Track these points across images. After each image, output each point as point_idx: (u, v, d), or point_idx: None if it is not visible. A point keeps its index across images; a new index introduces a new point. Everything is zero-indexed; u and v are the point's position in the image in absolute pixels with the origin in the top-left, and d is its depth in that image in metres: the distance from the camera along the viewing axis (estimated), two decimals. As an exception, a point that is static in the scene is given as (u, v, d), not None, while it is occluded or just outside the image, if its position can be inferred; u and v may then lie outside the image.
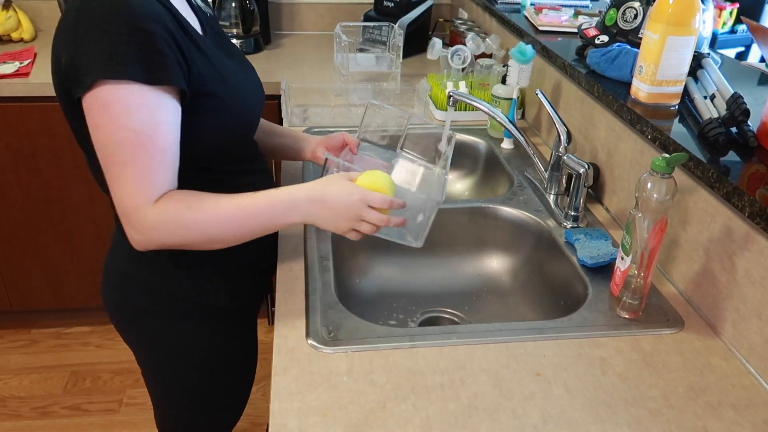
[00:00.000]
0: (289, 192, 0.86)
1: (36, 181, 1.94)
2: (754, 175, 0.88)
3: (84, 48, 0.76)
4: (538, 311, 1.16)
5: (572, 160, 1.15)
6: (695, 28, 1.04)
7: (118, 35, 0.75)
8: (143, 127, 0.77)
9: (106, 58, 0.75)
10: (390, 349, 0.86)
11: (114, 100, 0.76)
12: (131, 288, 1.01)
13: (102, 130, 0.78)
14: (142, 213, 0.79)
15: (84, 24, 0.76)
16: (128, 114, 0.77)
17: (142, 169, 0.78)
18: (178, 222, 0.81)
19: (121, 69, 0.75)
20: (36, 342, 2.20)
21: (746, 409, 0.79)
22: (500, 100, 1.55)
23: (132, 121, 0.77)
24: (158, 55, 0.77)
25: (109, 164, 0.79)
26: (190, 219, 0.81)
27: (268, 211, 0.85)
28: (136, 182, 0.79)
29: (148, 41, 0.76)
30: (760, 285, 0.83)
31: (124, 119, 0.76)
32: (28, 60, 1.93)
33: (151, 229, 0.80)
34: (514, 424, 0.75)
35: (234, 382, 1.16)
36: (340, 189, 0.85)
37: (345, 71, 1.80)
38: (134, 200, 0.79)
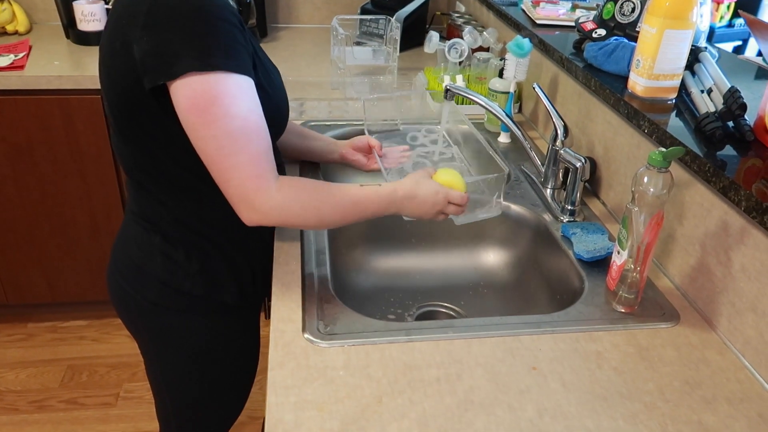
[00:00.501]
0: (391, 190, 0.96)
1: (31, 174, 1.93)
2: (750, 170, 0.88)
3: (169, 38, 0.77)
4: (534, 305, 1.16)
5: (569, 154, 1.15)
6: (692, 21, 1.04)
7: (204, 26, 0.78)
8: (248, 113, 0.82)
9: (197, 50, 0.77)
10: (386, 343, 0.86)
11: (221, 92, 0.79)
12: (141, 280, 1.01)
13: (214, 124, 0.80)
14: (266, 194, 0.84)
15: (164, 15, 0.78)
16: (236, 103, 0.80)
17: (256, 152, 0.82)
18: (301, 205, 0.88)
19: (215, 61, 0.78)
20: (32, 336, 2.20)
21: (741, 403, 0.79)
22: (497, 93, 1.55)
23: (240, 109, 0.80)
24: (239, 46, 0.81)
25: (223, 155, 0.81)
26: (313, 205, 0.89)
27: (372, 204, 0.94)
28: (255, 165, 0.82)
29: (230, 32, 0.80)
30: (755, 279, 0.84)
31: (233, 109, 0.80)
32: (23, 53, 1.92)
33: (275, 209, 0.85)
34: (510, 418, 0.75)
35: (237, 376, 1.16)
36: (427, 188, 0.97)
37: (342, 64, 1.79)
38: (256, 182, 0.83)
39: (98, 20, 2.02)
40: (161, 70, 0.79)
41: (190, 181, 0.93)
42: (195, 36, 0.78)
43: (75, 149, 1.90)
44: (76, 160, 1.92)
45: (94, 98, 1.83)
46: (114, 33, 0.85)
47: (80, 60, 1.92)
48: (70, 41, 2.08)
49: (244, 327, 1.13)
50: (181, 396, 1.13)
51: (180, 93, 0.79)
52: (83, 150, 1.91)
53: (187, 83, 0.78)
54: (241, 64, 0.81)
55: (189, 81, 0.78)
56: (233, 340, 1.11)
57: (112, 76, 0.86)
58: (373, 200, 0.94)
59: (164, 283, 1.00)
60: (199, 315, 1.04)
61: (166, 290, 1.00)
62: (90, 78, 1.79)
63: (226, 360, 1.11)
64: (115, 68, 0.85)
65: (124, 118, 0.89)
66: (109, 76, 0.88)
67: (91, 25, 2.02)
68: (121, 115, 0.89)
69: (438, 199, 0.97)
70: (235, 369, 1.14)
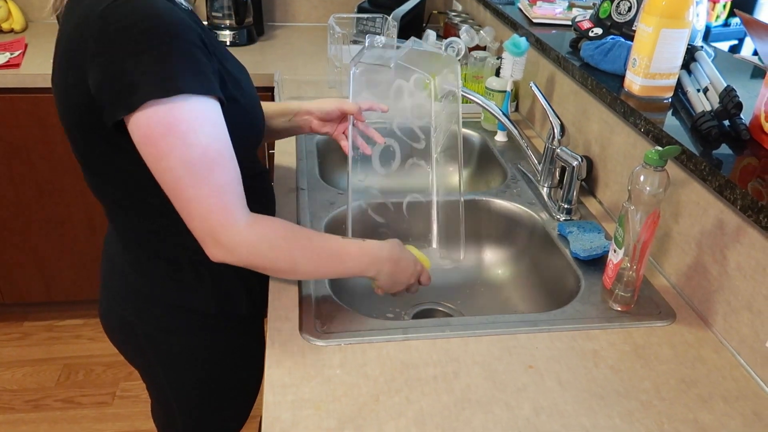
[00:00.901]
0: (377, 247, 0.90)
1: (27, 172, 1.93)
2: (746, 168, 0.88)
3: (123, 66, 0.70)
4: (530, 304, 1.16)
5: (565, 153, 1.15)
6: (689, 20, 1.04)
7: (159, 47, 0.70)
8: (210, 140, 0.74)
9: (154, 76, 0.70)
10: (383, 341, 0.86)
11: (177, 119, 0.71)
12: (148, 307, 0.97)
13: (168, 155, 0.72)
14: (233, 230, 0.77)
15: (114, 38, 0.70)
16: (194, 131, 0.72)
17: (219, 183, 0.75)
18: (273, 248, 0.80)
19: (175, 84, 0.70)
20: (28, 335, 2.20)
21: (737, 401, 0.80)
22: (494, 92, 1.55)
23: (199, 137, 0.73)
24: (200, 65, 0.74)
25: (183, 187, 0.74)
26: (285, 249, 0.81)
27: (354, 261, 0.88)
28: (218, 197, 0.75)
29: (189, 50, 0.72)
30: (751, 278, 0.84)
31: (191, 137, 0.72)
32: (18, 51, 1.91)
33: (243, 247, 0.78)
34: (506, 416, 0.75)
35: (247, 382, 1.14)
36: (410, 257, 0.94)
37: (338, 63, 1.79)
38: (220, 217, 0.76)
39: (94, 18, 2.01)
40: (119, 102, 0.71)
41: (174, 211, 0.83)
42: (151, 61, 0.70)
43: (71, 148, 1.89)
44: (72, 159, 1.91)
45: (90, 96, 1.82)
46: (65, 65, 0.77)
47: (76, 58, 1.91)
48: (66, 39, 2.07)
49: (253, 334, 1.10)
50: (194, 408, 1.11)
51: (136, 125, 0.72)
52: (79, 148, 1.90)
53: (144, 114, 0.71)
54: (203, 84, 0.73)
55: (146, 111, 0.71)
56: (244, 348, 1.08)
57: (72, 114, 0.79)
58: (353, 256, 0.87)
59: (174, 307, 0.96)
60: (211, 331, 1.01)
61: (177, 313, 0.97)
62: (86, 76, 1.78)
63: (237, 368, 1.09)
64: (73, 105, 0.78)
65: (95, 158, 0.84)
66: (68, 114, 0.80)
67: (87, 23, 2.01)
68: (92, 154, 0.84)
69: (415, 270, 0.95)
70: (245, 376, 1.12)
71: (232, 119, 0.81)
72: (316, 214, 1.16)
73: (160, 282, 0.94)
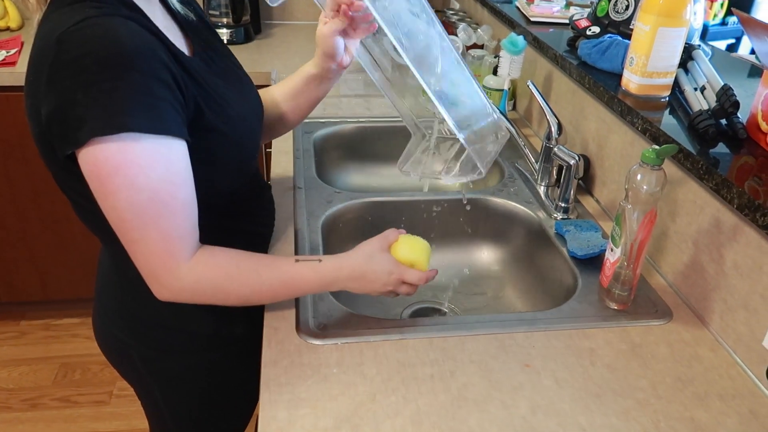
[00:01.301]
0: (333, 268, 0.84)
1: (24, 171, 1.92)
2: (743, 167, 0.88)
3: (72, 97, 0.66)
4: (527, 302, 1.16)
5: (563, 152, 1.15)
6: (686, 19, 1.04)
7: (112, 81, 0.65)
8: (161, 183, 0.69)
9: (103, 110, 0.65)
10: (380, 340, 0.86)
11: (125, 161, 0.67)
12: (142, 329, 0.94)
13: (114, 196, 0.69)
14: (175, 273, 0.74)
15: (66, 68, 0.66)
16: (144, 173, 0.68)
17: (166, 228, 0.71)
18: (217, 288, 0.78)
19: (122, 120, 0.66)
20: (25, 334, 2.19)
21: (733, 399, 0.80)
22: (491, 91, 1.55)
23: (149, 180, 0.68)
24: (156, 100, 0.68)
25: (128, 228, 0.71)
26: (230, 288, 0.79)
27: (309, 285, 0.84)
28: (164, 242, 0.72)
29: (145, 84, 0.67)
30: (747, 276, 0.84)
31: (140, 180, 0.68)
32: (14, 49, 1.90)
33: (186, 290, 0.76)
34: (503, 415, 0.75)
35: (246, 393, 1.13)
36: (380, 267, 0.85)
37: (336, 61, 1.78)
38: (163, 261, 0.73)
39: (91, 16, 2.01)
40: (67, 136, 0.67)
41: None
42: (100, 94, 0.65)
43: (67, 146, 1.89)
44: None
45: (87, 95, 1.82)
46: (26, 94, 0.73)
47: (73, 56, 1.91)
48: (63, 37, 2.06)
49: (252, 351, 1.09)
50: (190, 425, 1.09)
51: (84, 161, 0.68)
52: (76, 147, 1.90)
53: (91, 150, 0.67)
54: (158, 122, 0.68)
55: (93, 148, 0.66)
56: (242, 367, 1.05)
57: (36, 143, 0.76)
58: (308, 279, 0.83)
59: (170, 329, 0.94)
60: (208, 352, 0.99)
61: (172, 335, 0.95)
62: (82, 74, 1.78)
63: (236, 387, 1.07)
64: (34, 134, 0.74)
65: (66, 188, 0.81)
66: (35, 142, 0.76)
67: (83, 21, 2.00)
68: (63, 184, 0.81)
69: (390, 280, 0.85)
70: (243, 393, 1.11)
71: (214, 149, 0.79)
72: (313, 212, 1.16)
73: (154, 304, 0.89)
